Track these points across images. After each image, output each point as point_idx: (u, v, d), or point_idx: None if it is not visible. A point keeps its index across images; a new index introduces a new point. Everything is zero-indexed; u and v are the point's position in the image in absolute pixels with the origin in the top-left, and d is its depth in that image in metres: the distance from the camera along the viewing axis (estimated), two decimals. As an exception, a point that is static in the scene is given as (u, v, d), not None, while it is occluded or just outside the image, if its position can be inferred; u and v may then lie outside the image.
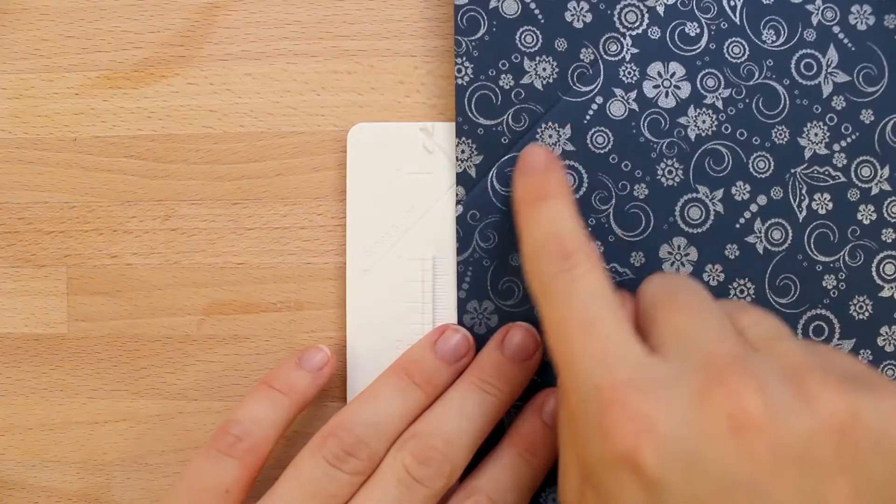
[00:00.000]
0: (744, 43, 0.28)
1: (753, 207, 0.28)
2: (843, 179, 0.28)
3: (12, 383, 0.31)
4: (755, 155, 0.28)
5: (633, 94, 0.28)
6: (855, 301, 0.28)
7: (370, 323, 0.29)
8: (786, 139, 0.28)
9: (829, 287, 0.28)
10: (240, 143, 0.30)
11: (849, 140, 0.28)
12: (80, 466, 0.31)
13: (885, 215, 0.28)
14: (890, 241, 0.28)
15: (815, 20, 0.28)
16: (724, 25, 0.28)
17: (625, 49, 0.28)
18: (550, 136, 0.28)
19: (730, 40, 0.28)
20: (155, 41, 0.30)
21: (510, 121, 0.28)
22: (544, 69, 0.28)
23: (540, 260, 0.23)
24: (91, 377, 0.31)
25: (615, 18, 0.28)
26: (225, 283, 0.30)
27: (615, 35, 0.28)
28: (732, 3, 0.28)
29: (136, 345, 0.31)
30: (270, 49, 0.30)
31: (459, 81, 0.28)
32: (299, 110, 0.30)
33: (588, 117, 0.28)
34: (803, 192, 0.28)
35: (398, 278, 0.29)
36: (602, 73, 0.28)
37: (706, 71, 0.28)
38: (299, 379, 0.28)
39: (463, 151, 0.28)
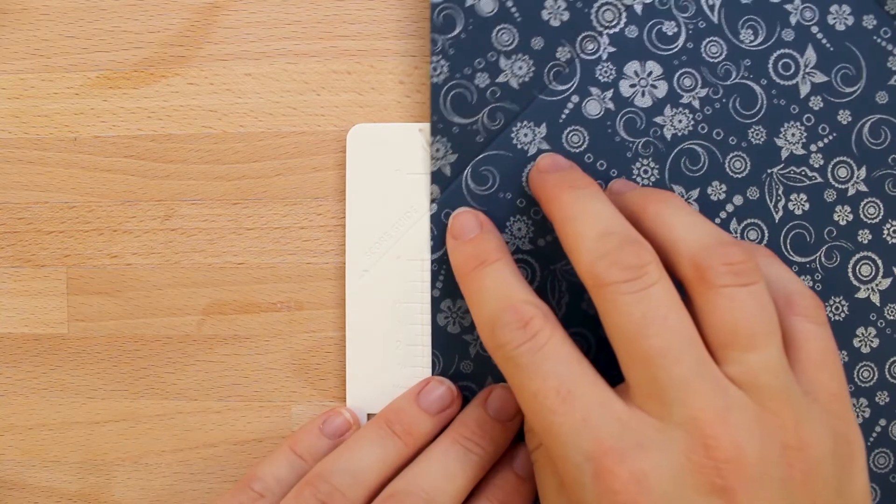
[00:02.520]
0: (721, 42, 0.28)
1: (729, 207, 0.28)
2: (819, 180, 0.28)
3: (12, 383, 0.31)
4: (732, 155, 0.28)
5: (609, 94, 0.28)
6: (831, 302, 0.28)
7: (370, 323, 0.29)
8: (762, 139, 0.28)
9: None
10: (240, 143, 0.30)
11: (826, 141, 0.28)
12: (80, 466, 0.31)
13: (862, 216, 0.28)
14: (866, 242, 0.28)
15: (793, 20, 0.28)
16: (701, 25, 0.28)
17: (602, 48, 0.28)
18: (526, 135, 0.28)
19: (707, 40, 0.28)
20: (155, 41, 0.30)
21: (485, 119, 0.28)
22: (520, 67, 0.28)
23: (499, 332, 0.23)
24: (91, 377, 0.31)
25: (592, 17, 0.28)
26: (225, 283, 0.30)
27: (592, 34, 0.28)
28: (711, 3, 0.28)
29: (136, 345, 0.31)
30: (270, 49, 0.30)
31: (434, 80, 0.28)
32: (299, 110, 0.30)
33: (564, 116, 0.28)
34: (780, 192, 0.28)
35: (398, 278, 0.29)
36: (578, 71, 0.28)
37: (683, 70, 0.28)
38: (321, 446, 0.28)
39: (438, 150, 0.28)
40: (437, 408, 0.27)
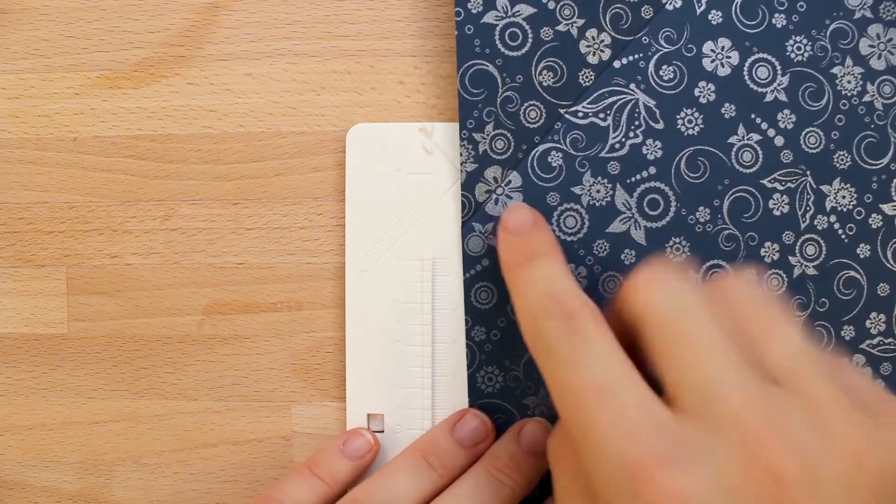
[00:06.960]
0: None
1: None
2: None
3: (12, 383, 0.31)
4: None
5: None
6: None
7: (370, 323, 0.29)
8: None
9: None
10: (240, 143, 0.30)
11: None
12: (80, 466, 0.31)
13: None
14: None
15: None
16: None
17: None
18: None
19: None
20: (155, 41, 0.30)
21: None
22: None
23: (540, 321, 0.22)
24: (91, 377, 0.31)
25: None
26: (225, 283, 0.30)
27: None
28: None
29: (136, 345, 0.31)
30: (270, 49, 0.30)
31: None
32: (299, 110, 0.30)
33: None
34: None
35: (398, 278, 0.29)
36: None
37: None
38: (341, 468, 0.28)
39: None
40: (472, 441, 0.27)
